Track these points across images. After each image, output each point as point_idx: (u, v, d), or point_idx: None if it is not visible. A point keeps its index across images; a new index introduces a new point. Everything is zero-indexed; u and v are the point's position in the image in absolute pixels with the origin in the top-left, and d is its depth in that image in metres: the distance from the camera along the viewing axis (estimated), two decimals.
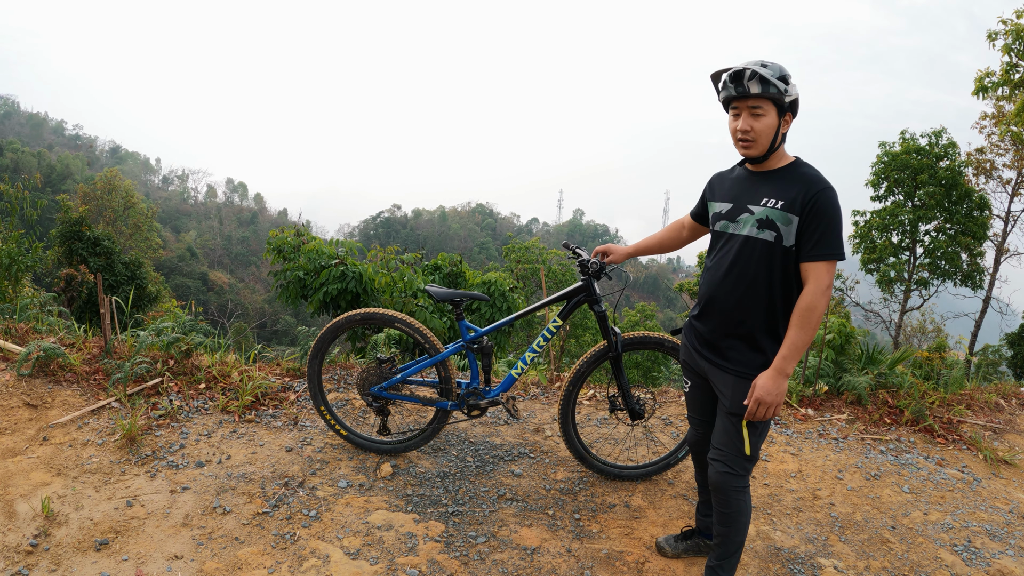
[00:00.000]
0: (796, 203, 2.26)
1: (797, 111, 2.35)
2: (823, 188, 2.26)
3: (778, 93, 2.24)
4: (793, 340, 2.28)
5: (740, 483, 2.49)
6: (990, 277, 18.19)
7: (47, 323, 4.89)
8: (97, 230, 15.19)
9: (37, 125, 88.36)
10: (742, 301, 2.41)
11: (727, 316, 2.46)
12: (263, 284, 53.24)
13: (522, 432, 4.10)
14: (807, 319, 2.26)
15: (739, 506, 2.50)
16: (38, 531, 2.74)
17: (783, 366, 2.29)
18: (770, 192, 2.35)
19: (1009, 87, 10.08)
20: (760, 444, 2.50)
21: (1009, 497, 3.88)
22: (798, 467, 3.95)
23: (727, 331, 2.47)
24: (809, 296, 2.26)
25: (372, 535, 2.97)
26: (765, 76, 2.22)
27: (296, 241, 7.06)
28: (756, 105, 2.27)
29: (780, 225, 2.30)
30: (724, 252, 2.46)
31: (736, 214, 2.43)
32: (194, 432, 3.63)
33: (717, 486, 2.50)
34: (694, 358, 2.64)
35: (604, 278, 3.28)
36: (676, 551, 2.99)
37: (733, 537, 2.55)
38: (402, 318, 3.40)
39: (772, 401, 2.30)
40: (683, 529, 3.07)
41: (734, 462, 2.46)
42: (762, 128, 2.29)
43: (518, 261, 23.29)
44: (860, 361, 5.56)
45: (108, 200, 32.88)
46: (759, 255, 2.35)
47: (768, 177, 2.39)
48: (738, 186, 2.48)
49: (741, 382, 2.43)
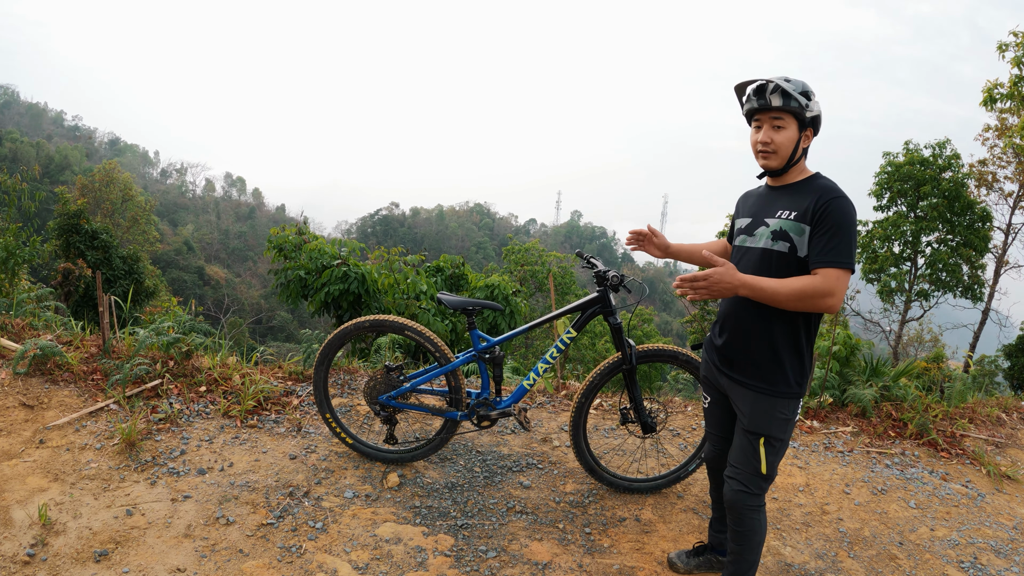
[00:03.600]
0: (808, 212, 2.26)
1: (819, 128, 2.38)
2: (835, 196, 2.25)
3: (799, 107, 2.28)
4: (769, 284, 2.21)
5: (755, 502, 2.47)
6: (990, 289, 18.20)
7: (44, 319, 4.80)
8: (95, 223, 15.08)
9: (36, 115, 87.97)
10: (760, 315, 2.37)
11: (745, 331, 2.43)
12: (259, 280, 53.08)
13: (529, 442, 4.04)
14: (794, 290, 2.19)
15: (753, 525, 2.49)
16: (35, 540, 2.67)
17: (747, 281, 2.20)
18: (785, 204, 2.36)
19: (1016, 100, 10.08)
20: (776, 463, 2.46)
21: (1013, 513, 3.89)
22: (806, 481, 3.92)
23: (745, 347, 2.44)
24: (810, 284, 2.19)
25: (380, 549, 2.90)
26: (787, 90, 2.26)
27: (298, 240, 6.99)
28: (777, 117, 2.31)
29: (793, 236, 2.29)
30: (742, 266, 2.44)
31: (754, 228, 2.45)
32: (195, 437, 3.55)
33: (732, 504, 2.49)
34: (714, 374, 2.62)
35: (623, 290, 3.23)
36: (688, 567, 2.97)
37: (746, 556, 2.53)
38: (413, 326, 3.33)
39: (711, 286, 2.17)
40: (695, 545, 3.04)
41: (750, 481, 2.45)
42: (782, 140, 2.32)
43: (518, 263, 23.15)
44: (864, 373, 5.53)
45: (106, 192, 32.65)
46: (775, 267, 2.34)
47: (785, 191, 2.41)
48: (758, 202, 2.50)
49: (761, 399, 2.40)
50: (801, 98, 2.27)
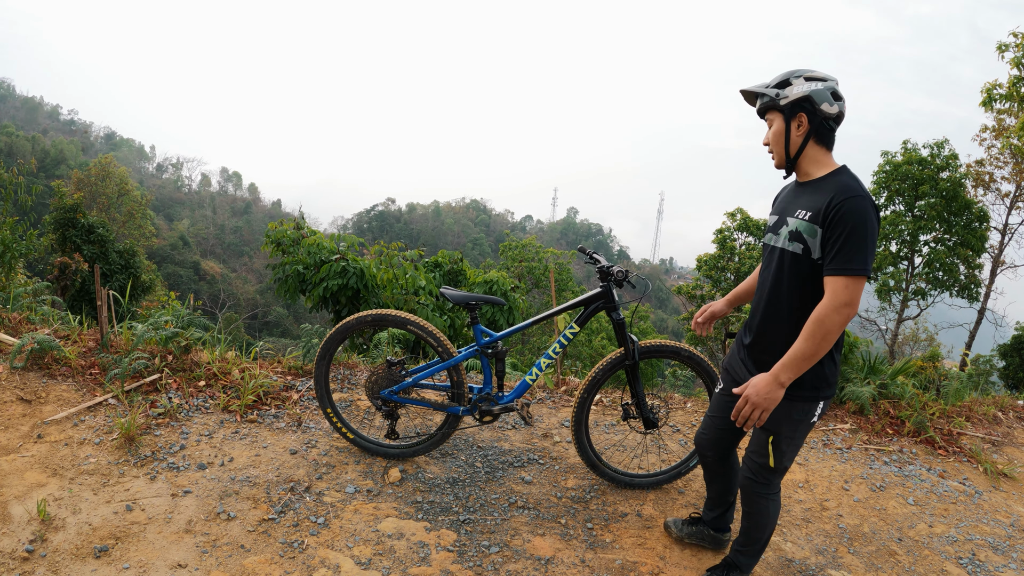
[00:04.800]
0: (820, 213, 2.18)
1: (812, 110, 2.24)
2: (850, 196, 2.13)
3: (771, 100, 2.29)
4: (797, 350, 2.19)
5: (763, 490, 2.57)
6: (986, 289, 18.28)
7: (41, 313, 4.77)
8: (91, 217, 15.01)
9: (32, 109, 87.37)
10: (777, 315, 2.40)
11: (765, 330, 2.45)
12: (255, 275, 52.89)
13: (530, 437, 4.03)
14: (814, 331, 2.16)
15: (760, 508, 2.60)
16: (34, 536, 2.64)
17: (779, 372, 2.21)
18: (805, 203, 2.29)
19: (1015, 101, 10.08)
20: (787, 459, 2.51)
21: (1010, 510, 3.92)
22: (805, 477, 3.93)
23: (765, 346, 2.45)
24: (821, 309, 2.16)
25: (383, 544, 2.88)
26: (755, 90, 2.34)
27: (296, 235, 6.96)
28: (767, 118, 2.38)
29: (807, 237, 2.23)
30: (766, 265, 2.47)
31: (778, 227, 2.41)
32: (195, 432, 3.53)
33: (742, 487, 2.63)
34: (738, 368, 2.62)
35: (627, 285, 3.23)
36: (681, 534, 3.11)
37: (753, 533, 2.68)
38: (415, 320, 3.31)
39: (759, 403, 2.23)
40: (691, 515, 3.17)
41: (758, 471, 2.56)
42: (771, 137, 2.35)
43: (515, 259, 23.12)
44: (862, 371, 5.53)
45: (102, 187, 32.46)
46: (788, 268, 2.32)
47: (808, 188, 2.34)
48: (786, 199, 2.46)
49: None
50: (770, 91, 2.28)
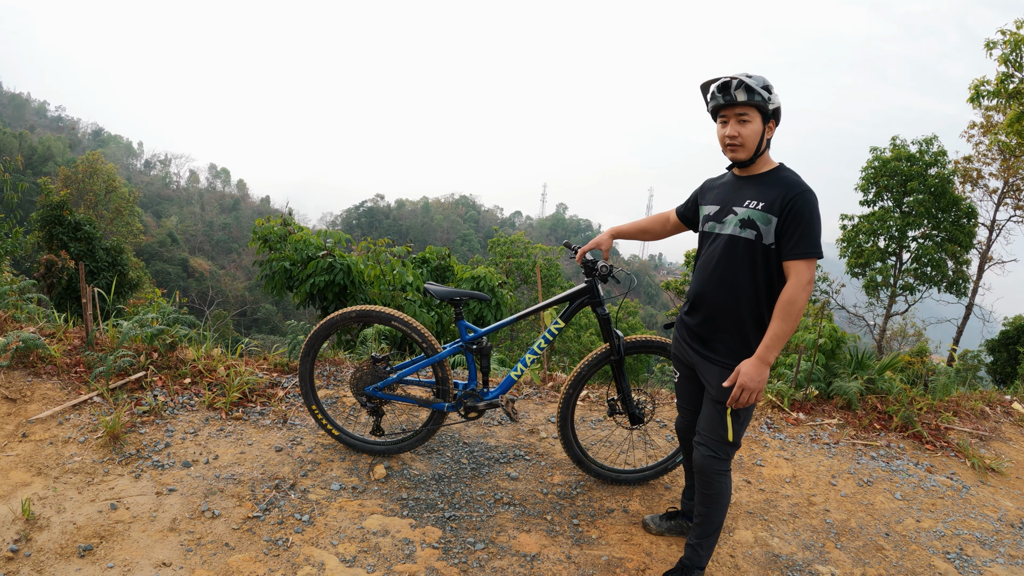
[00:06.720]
0: (775, 205, 2.43)
1: (780, 119, 2.55)
2: (801, 191, 2.42)
3: (762, 101, 2.43)
4: (775, 331, 2.42)
5: (722, 467, 2.66)
6: (974, 284, 18.41)
7: (26, 311, 4.73)
8: (78, 214, 14.88)
9: (19, 105, 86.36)
10: (728, 296, 2.56)
11: (715, 310, 2.61)
12: (244, 272, 52.62)
13: (516, 433, 4.03)
14: (788, 311, 2.40)
15: (720, 488, 2.68)
16: (18, 535, 2.62)
17: (765, 355, 2.43)
18: (753, 194, 2.52)
19: (1003, 97, 10.14)
20: (742, 431, 2.64)
21: (997, 505, 3.93)
22: (792, 472, 3.95)
23: (715, 325, 2.63)
24: (790, 290, 2.41)
25: (368, 541, 2.88)
26: (750, 85, 2.42)
27: (283, 231, 6.92)
28: (743, 112, 2.46)
29: (760, 224, 2.46)
30: (711, 251, 2.62)
31: (722, 216, 2.60)
32: (180, 430, 3.51)
33: (701, 468, 2.68)
34: (684, 350, 2.80)
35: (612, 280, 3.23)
36: (660, 529, 3.19)
37: (712, 518, 2.73)
38: (399, 316, 3.31)
39: (754, 387, 2.44)
40: (668, 510, 3.26)
41: (718, 447, 2.64)
42: (748, 133, 2.47)
43: (503, 255, 23.07)
44: (850, 366, 5.56)
45: (90, 184, 32.12)
46: (742, 252, 2.51)
47: (752, 181, 2.57)
48: (726, 190, 2.66)
49: (727, 373, 2.57)
50: (763, 92, 2.42)
